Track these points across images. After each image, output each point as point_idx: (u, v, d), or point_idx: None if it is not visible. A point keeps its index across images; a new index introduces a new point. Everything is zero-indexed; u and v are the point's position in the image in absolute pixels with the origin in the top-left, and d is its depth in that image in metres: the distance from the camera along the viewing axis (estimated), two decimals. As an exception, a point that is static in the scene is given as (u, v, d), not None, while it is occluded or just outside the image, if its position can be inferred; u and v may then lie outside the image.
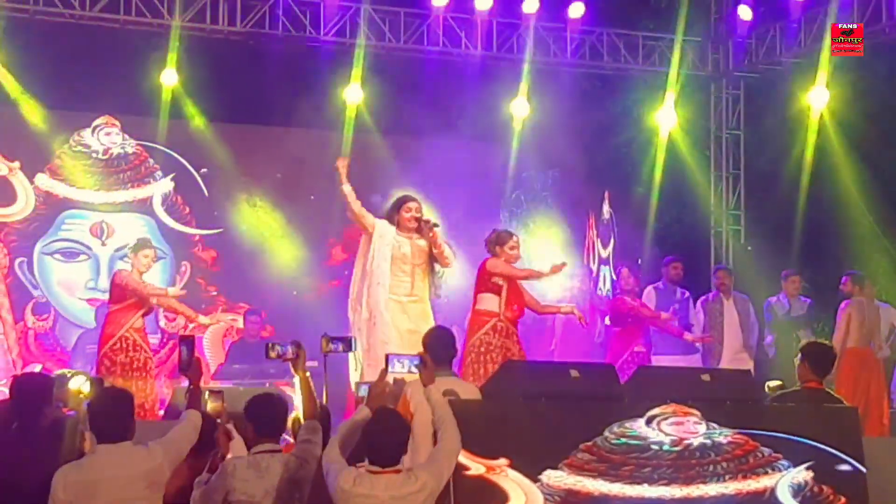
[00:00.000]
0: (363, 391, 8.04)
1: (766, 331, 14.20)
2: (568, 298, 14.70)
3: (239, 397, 8.10)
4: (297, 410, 7.42)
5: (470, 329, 10.90)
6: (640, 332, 13.80)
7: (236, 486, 6.43)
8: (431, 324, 10.03)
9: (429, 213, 11.28)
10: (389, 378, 7.07)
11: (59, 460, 6.48)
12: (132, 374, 11.62)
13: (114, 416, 6.33)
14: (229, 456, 6.69)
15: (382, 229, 10.39)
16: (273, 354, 6.99)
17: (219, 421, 6.86)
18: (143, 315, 12.05)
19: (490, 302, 11.00)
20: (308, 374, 7.03)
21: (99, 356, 11.87)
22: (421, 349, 7.70)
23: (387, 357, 7.02)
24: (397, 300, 10.24)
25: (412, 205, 10.43)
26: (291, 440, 7.29)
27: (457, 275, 11.94)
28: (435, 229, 10.48)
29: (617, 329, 13.96)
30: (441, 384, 7.09)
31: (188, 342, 6.91)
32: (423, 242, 10.37)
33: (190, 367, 6.78)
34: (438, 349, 7.88)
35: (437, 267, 10.82)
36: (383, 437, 6.43)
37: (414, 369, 7.01)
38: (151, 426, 7.58)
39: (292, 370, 7.00)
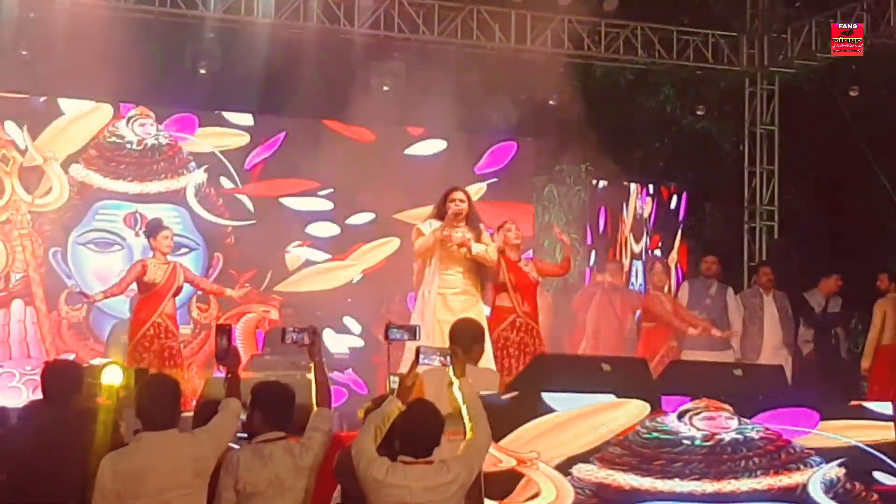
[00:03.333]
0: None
1: (803, 326, 14.12)
2: (599, 293, 14.68)
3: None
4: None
5: (490, 325, 10.79)
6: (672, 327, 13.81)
7: (241, 475, 6.43)
8: (483, 316, 9.99)
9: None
10: (420, 370, 7.05)
11: (88, 449, 6.46)
12: (165, 362, 11.54)
13: (160, 403, 6.35)
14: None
15: (426, 228, 10.22)
16: (288, 340, 6.97)
17: None
18: (174, 296, 12.04)
19: (504, 299, 11.04)
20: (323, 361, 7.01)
21: (131, 344, 11.79)
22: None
23: (417, 350, 6.98)
24: (444, 294, 10.14)
25: (456, 195, 10.27)
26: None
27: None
28: (460, 237, 10.31)
29: (649, 325, 13.94)
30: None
31: (225, 331, 6.91)
32: (468, 235, 10.27)
33: (227, 355, 6.79)
34: (463, 340, 7.87)
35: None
36: (419, 429, 6.43)
37: (440, 361, 6.97)
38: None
39: (308, 356, 6.96)
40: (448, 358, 6.89)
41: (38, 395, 7.58)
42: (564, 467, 7.62)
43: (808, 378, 13.38)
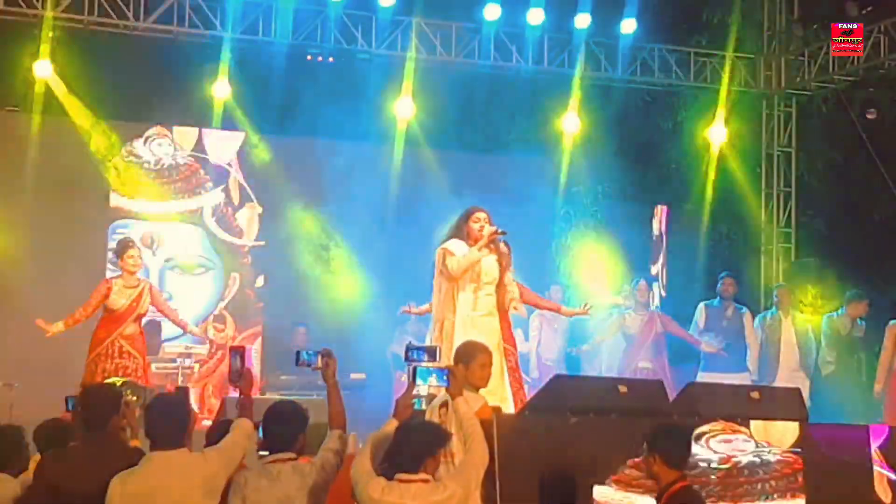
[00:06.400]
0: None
1: (826, 346, 14.05)
2: (615, 315, 14.68)
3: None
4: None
5: None
6: (647, 348, 13.85)
7: (248, 494, 6.46)
8: (497, 339, 9.92)
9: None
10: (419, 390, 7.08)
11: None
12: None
13: (170, 422, 6.35)
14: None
15: (456, 249, 10.01)
16: (301, 362, 7.00)
17: None
18: (136, 321, 12.26)
19: None
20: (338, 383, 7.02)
21: (86, 362, 12.12)
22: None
23: (414, 369, 6.98)
24: (468, 317, 10.04)
25: (480, 215, 10.10)
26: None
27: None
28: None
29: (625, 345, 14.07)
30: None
31: (239, 353, 6.94)
32: (493, 256, 10.18)
33: (241, 377, 6.81)
34: (465, 357, 7.85)
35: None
36: (410, 440, 6.44)
37: (440, 382, 7.00)
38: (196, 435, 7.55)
39: (322, 379, 6.98)
40: (445, 378, 6.92)
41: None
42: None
43: (826, 399, 13.34)
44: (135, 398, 8.47)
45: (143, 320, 12.55)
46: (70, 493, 6.36)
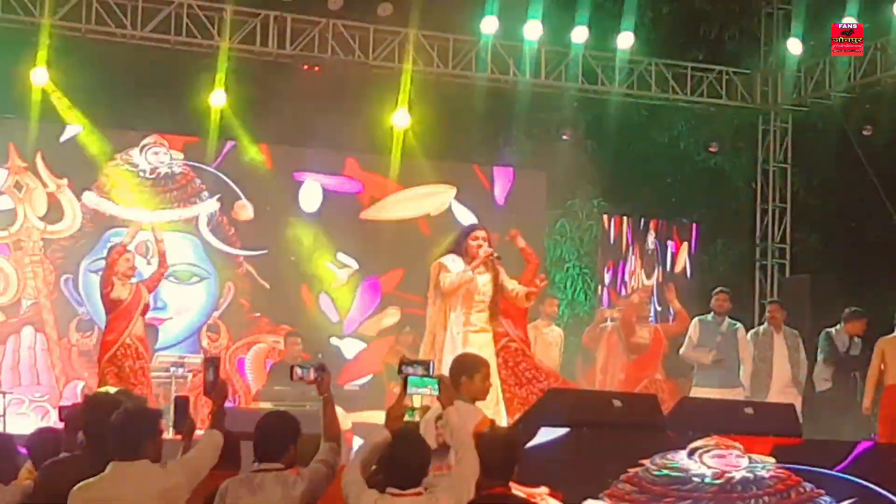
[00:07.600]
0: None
1: (824, 363, 13.98)
2: (609, 328, 14.66)
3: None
4: None
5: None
6: (657, 359, 13.87)
7: (228, 503, 6.45)
8: (490, 353, 9.89)
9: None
10: (409, 401, 7.06)
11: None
12: (137, 385, 11.54)
13: (129, 433, 6.29)
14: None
15: (451, 265, 9.97)
16: (295, 377, 6.99)
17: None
18: (142, 314, 12.14)
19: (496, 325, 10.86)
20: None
21: (101, 363, 11.90)
22: None
23: (405, 380, 6.96)
24: (459, 333, 10.00)
25: (480, 234, 10.07)
26: None
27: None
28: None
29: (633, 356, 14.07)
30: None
31: (213, 364, 6.91)
32: (487, 275, 10.12)
33: (214, 388, 6.78)
34: (466, 369, 7.85)
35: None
36: (404, 458, 6.41)
37: (432, 392, 6.99)
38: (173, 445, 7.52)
39: (317, 392, 6.96)
40: (437, 388, 6.90)
41: (46, 423, 7.56)
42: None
43: (820, 415, 13.31)
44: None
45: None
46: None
